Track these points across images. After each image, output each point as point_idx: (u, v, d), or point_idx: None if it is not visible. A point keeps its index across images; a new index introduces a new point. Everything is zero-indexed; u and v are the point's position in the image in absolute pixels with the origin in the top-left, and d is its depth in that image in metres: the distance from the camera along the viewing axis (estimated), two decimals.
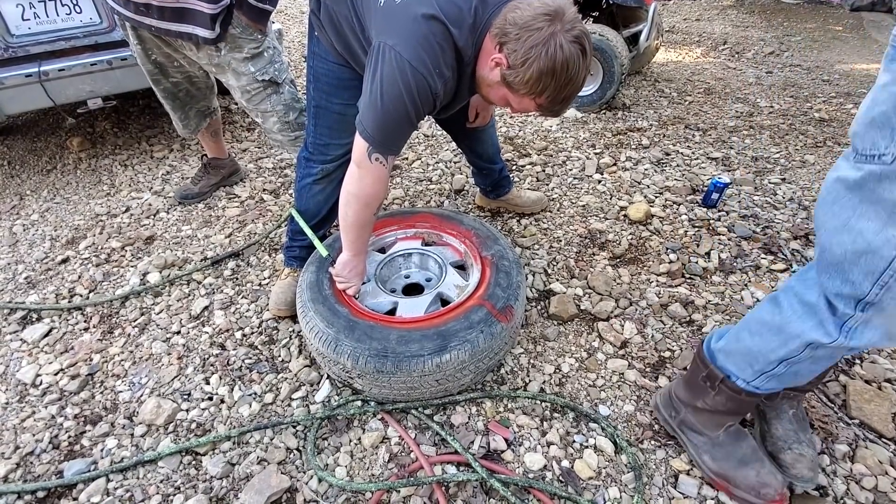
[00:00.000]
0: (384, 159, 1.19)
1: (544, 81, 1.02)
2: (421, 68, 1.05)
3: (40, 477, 1.24)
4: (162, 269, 1.93)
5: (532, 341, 1.57)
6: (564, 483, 1.19)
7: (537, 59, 0.99)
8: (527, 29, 0.99)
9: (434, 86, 1.10)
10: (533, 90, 1.04)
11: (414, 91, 1.08)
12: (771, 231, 2.02)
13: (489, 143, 1.90)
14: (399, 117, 1.12)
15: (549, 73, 1.00)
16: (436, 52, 1.06)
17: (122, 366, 1.54)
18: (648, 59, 3.78)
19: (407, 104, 1.10)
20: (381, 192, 1.28)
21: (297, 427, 1.34)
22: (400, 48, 1.04)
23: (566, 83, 1.03)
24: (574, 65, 1.01)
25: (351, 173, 1.26)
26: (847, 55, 4.39)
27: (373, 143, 1.16)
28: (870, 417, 1.30)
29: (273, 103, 1.78)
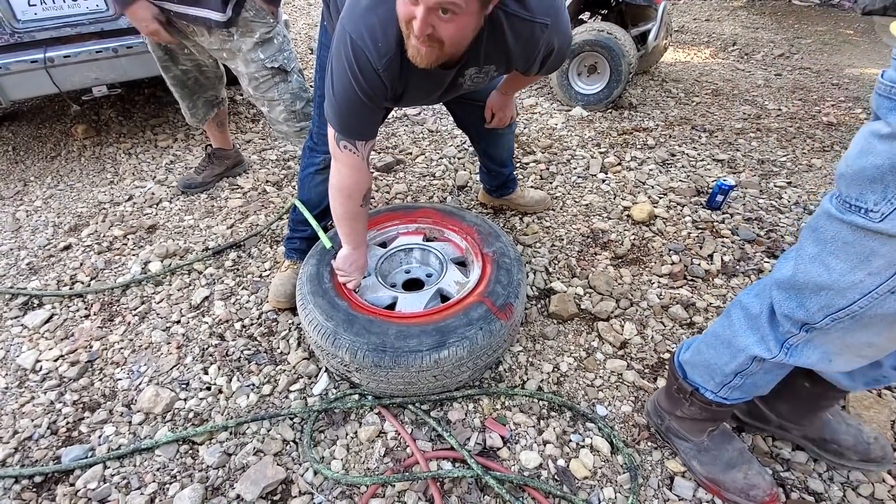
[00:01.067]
0: (353, 147, 1.17)
1: None
2: (358, 40, 1.01)
3: (38, 462, 1.25)
4: (163, 259, 1.94)
5: (531, 339, 1.57)
6: (560, 482, 1.19)
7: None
8: None
9: (374, 60, 1.03)
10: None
11: (355, 66, 1.03)
12: (775, 235, 2.01)
13: (505, 148, 1.89)
14: (351, 97, 1.09)
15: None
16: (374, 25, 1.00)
17: (121, 354, 1.54)
18: (656, 58, 3.75)
19: (352, 82, 1.05)
20: (361, 182, 1.26)
21: (294, 419, 1.34)
22: (348, 27, 1.03)
23: None
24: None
25: (332, 166, 1.26)
26: (857, 59, 4.35)
27: (336, 128, 1.15)
28: (869, 424, 1.29)
29: (280, 91, 1.78)
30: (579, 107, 3.17)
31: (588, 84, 3.15)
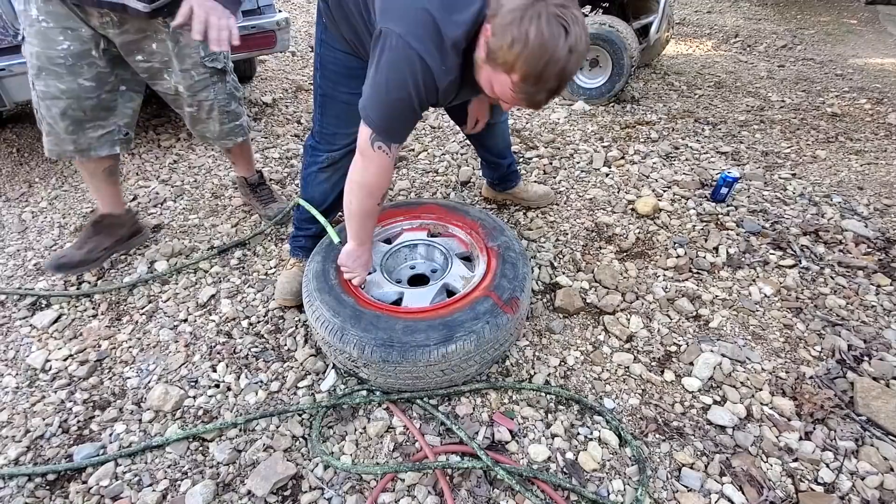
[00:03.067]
0: (387, 148, 1.18)
1: (516, 50, 0.93)
2: (428, 59, 1.04)
3: (50, 460, 1.26)
4: (169, 258, 1.94)
5: (537, 334, 1.57)
6: (568, 475, 1.19)
7: (511, 23, 0.93)
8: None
9: (436, 78, 1.08)
10: (507, 61, 0.96)
11: (420, 80, 1.07)
12: (780, 227, 2.00)
13: (500, 139, 1.89)
14: (403, 106, 1.11)
15: (522, 41, 0.92)
16: (441, 44, 1.05)
17: (130, 352, 1.55)
18: (658, 51, 3.74)
19: (412, 93, 1.08)
20: (385, 182, 1.27)
21: (302, 415, 1.35)
22: (409, 38, 1.03)
23: (540, 58, 0.93)
24: (551, 40, 0.92)
25: (355, 162, 1.25)
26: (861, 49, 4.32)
27: (376, 130, 1.15)
28: (877, 414, 1.29)
29: (216, 92, 1.68)
30: (581, 101, 3.16)
31: (590, 78, 3.14)
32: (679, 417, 1.32)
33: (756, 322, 1.59)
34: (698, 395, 1.37)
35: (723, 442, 1.26)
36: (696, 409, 1.34)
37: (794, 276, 1.76)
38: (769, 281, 1.74)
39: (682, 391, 1.39)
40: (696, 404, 1.35)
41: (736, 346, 1.50)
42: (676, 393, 1.39)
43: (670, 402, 1.36)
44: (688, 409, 1.34)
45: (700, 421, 1.31)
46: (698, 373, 1.42)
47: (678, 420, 1.31)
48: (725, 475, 1.19)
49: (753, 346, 1.51)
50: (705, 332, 1.57)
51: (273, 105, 3.31)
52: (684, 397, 1.38)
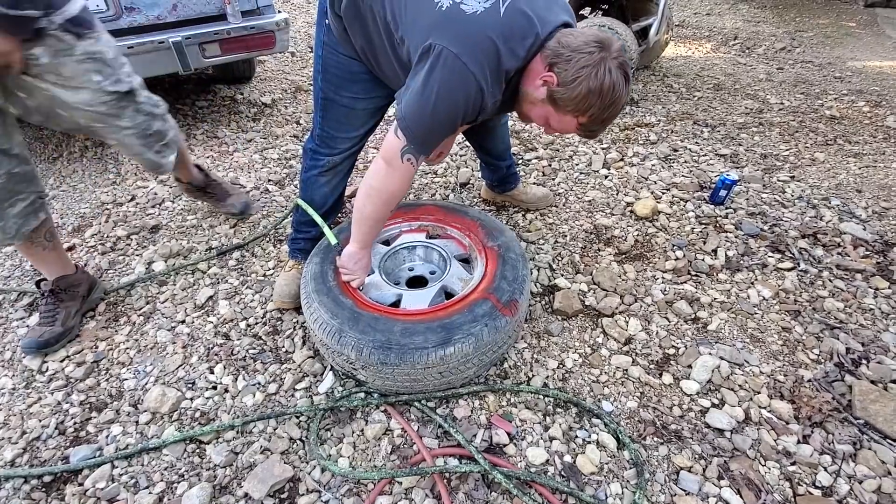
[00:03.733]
0: (415, 160, 1.20)
1: (590, 100, 1.07)
2: (483, 83, 1.08)
3: (46, 462, 1.25)
4: (167, 259, 1.94)
5: (536, 336, 1.57)
6: (566, 478, 1.19)
7: (587, 78, 1.05)
8: (578, 52, 1.06)
9: (486, 101, 1.13)
10: (578, 108, 1.09)
11: (471, 101, 1.10)
12: (779, 229, 2.01)
13: (499, 141, 1.89)
14: (448, 122, 1.14)
15: (597, 92, 1.05)
16: (497, 72, 1.10)
17: (127, 354, 1.54)
18: (658, 53, 3.74)
19: (459, 111, 1.12)
20: (404, 191, 1.28)
21: (300, 417, 1.34)
22: (467, 59, 1.04)
23: (609, 104, 1.08)
24: (619, 89, 1.07)
25: (378, 169, 1.24)
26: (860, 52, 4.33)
27: (413, 141, 1.16)
28: (874, 418, 1.29)
29: (131, 118, 1.44)
30: None
31: None
32: (677, 420, 1.32)
33: (754, 325, 1.59)
34: (696, 398, 1.37)
35: (721, 445, 1.26)
36: (695, 412, 1.34)
37: (793, 279, 1.76)
38: (768, 284, 1.74)
39: (680, 394, 1.39)
40: (694, 407, 1.35)
41: (734, 348, 1.50)
42: (675, 396, 1.39)
43: (668, 404, 1.36)
44: (686, 412, 1.34)
45: (698, 424, 1.31)
46: (696, 376, 1.42)
47: (676, 423, 1.31)
48: (723, 478, 1.19)
49: (752, 348, 1.51)
50: (704, 334, 1.57)
51: (272, 106, 3.31)
52: (682, 400, 1.37)
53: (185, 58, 2.45)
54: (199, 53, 2.50)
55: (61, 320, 1.57)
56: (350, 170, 1.64)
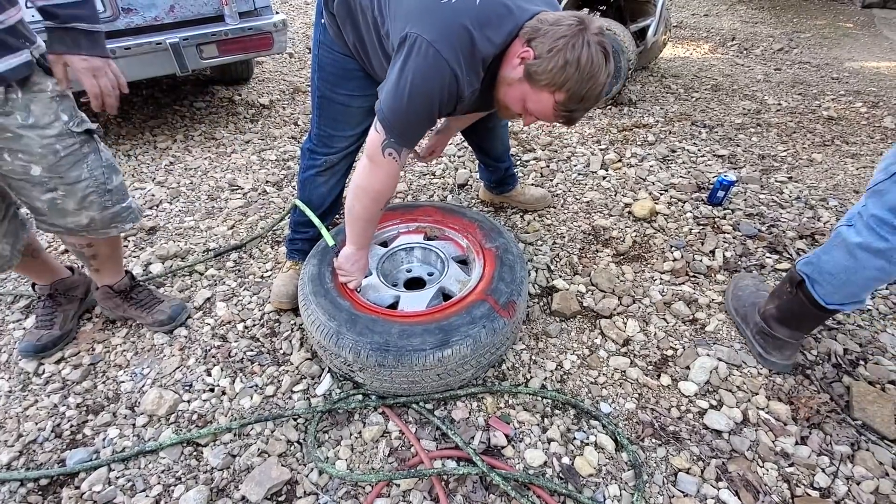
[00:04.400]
0: (397, 155, 1.18)
1: (567, 72, 1.02)
2: (457, 70, 1.06)
3: (43, 465, 1.25)
4: (164, 260, 1.93)
5: (534, 337, 1.57)
6: (565, 480, 1.19)
7: (563, 49, 1.01)
8: (557, 24, 1.03)
9: (462, 90, 1.11)
10: (554, 81, 1.04)
11: (446, 89, 1.09)
12: (776, 230, 2.01)
13: (499, 142, 1.89)
14: (424, 112, 1.12)
15: (574, 64, 1.01)
16: (472, 59, 1.08)
17: (124, 356, 1.54)
18: (655, 54, 3.75)
19: (435, 100, 1.10)
20: (391, 188, 1.27)
21: (297, 420, 1.34)
22: (440, 46, 1.03)
23: (588, 78, 1.03)
24: (597, 64, 1.02)
25: (362, 167, 1.24)
26: (857, 52, 4.34)
27: (392, 134, 1.15)
28: (872, 419, 1.29)
29: (91, 166, 1.24)
30: None
31: None
32: (675, 422, 1.32)
33: None
34: (695, 400, 1.37)
35: (719, 446, 1.26)
36: (693, 413, 1.34)
37: None
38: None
39: (678, 395, 1.39)
40: (692, 409, 1.35)
41: (732, 349, 1.50)
42: (673, 397, 1.39)
43: (667, 406, 1.36)
44: (684, 414, 1.34)
45: (696, 425, 1.31)
46: (695, 377, 1.42)
47: (674, 424, 1.31)
48: (721, 480, 1.19)
49: (749, 349, 1.51)
50: (702, 335, 1.57)
51: (270, 107, 3.31)
52: (681, 401, 1.37)
53: (183, 59, 2.45)
54: (197, 55, 2.50)
55: (59, 324, 1.55)
56: (348, 170, 1.64)
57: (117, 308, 1.60)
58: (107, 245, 1.45)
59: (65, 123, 1.18)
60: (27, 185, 1.19)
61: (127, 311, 1.60)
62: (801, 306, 1.33)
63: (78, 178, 1.22)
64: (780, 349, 1.41)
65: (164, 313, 1.60)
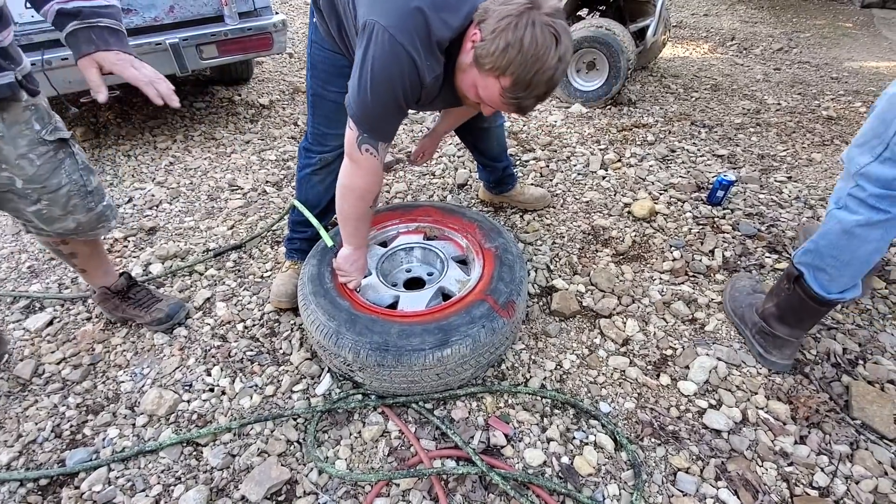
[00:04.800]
0: (374, 150, 1.17)
1: (509, 55, 0.95)
2: (414, 54, 1.03)
3: (42, 465, 1.25)
4: (164, 260, 1.93)
5: (533, 337, 1.57)
6: (564, 479, 1.19)
7: (506, 30, 0.94)
8: (505, 4, 0.97)
9: (423, 75, 1.07)
10: (497, 65, 0.97)
11: (406, 75, 1.06)
12: (776, 229, 2.01)
13: (495, 143, 1.88)
14: (389, 101, 1.10)
15: (516, 46, 0.94)
16: (428, 42, 1.04)
17: (124, 356, 1.54)
18: (655, 54, 3.75)
19: (397, 88, 1.07)
20: (375, 185, 1.27)
21: (297, 420, 1.34)
22: (395, 31, 1.01)
23: (532, 62, 0.95)
24: (543, 46, 0.94)
25: (344, 166, 1.25)
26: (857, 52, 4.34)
27: (363, 128, 1.14)
28: (871, 419, 1.29)
29: (68, 171, 1.23)
30: (578, 103, 3.16)
31: (587, 81, 3.15)
32: (675, 421, 1.32)
33: None
34: (694, 399, 1.37)
35: (718, 446, 1.26)
36: (692, 412, 1.34)
37: None
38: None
39: (677, 395, 1.39)
40: (691, 408, 1.35)
41: (732, 349, 1.50)
42: (672, 397, 1.39)
43: (666, 405, 1.36)
44: (683, 413, 1.34)
45: (696, 425, 1.31)
46: (694, 376, 1.42)
47: (674, 424, 1.31)
48: (721, 479, 1.19)
49: (749, 349, 1.51)
50: (701, 335, 1.57)
51: (270, 107, 3.31)
52: (680, 401, 1.37)
53: (183, 59, 2.45)
54: (197, 55, 2.50)
55: None
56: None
57: (116, 309, 1.60)
58: (83, 244, 1.44)
59: (37, 133, 1.16)
60: (14, 196, 1.20)
61: (126, 312, 1.60)
62: (800, 301, 1.33)
63: (59, 184, 1.22)
64: (780, 348, 1.41)
65: (163, 311, 1.60)
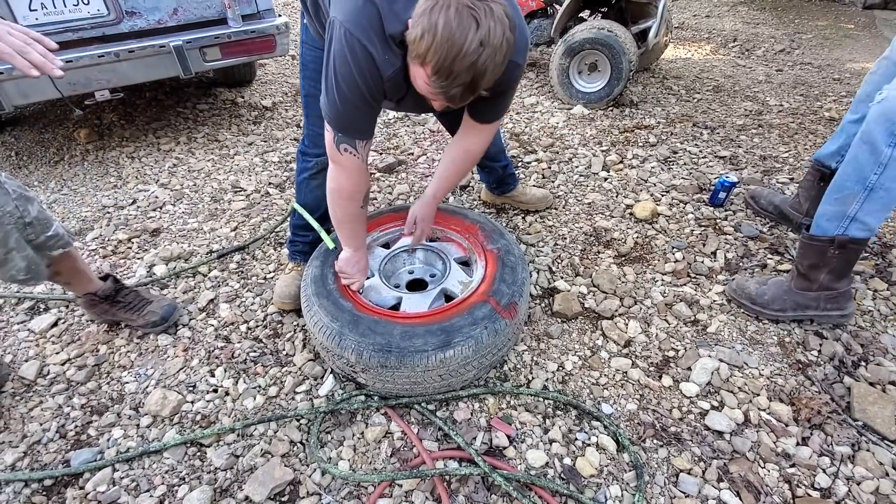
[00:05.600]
0: (353, 149, 1.17)
1: (426, 41, 0.90)
2: (370, 47, 1.02)
3: (47, 466, 1.26)
4: (168, 262, 1.94)
5: (535, 339, 1.57)
6: (566, 480, 1.19)
7: (423, 14, 0.91)
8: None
9: (381, 69, 1.05)
10: (419, 53, 0.94)
11: (365, 69, 1.05)
12: (778, 231, 2.01)
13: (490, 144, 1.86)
14: (353, 96, 1.09)
15: (431, 31, 0.89)
16: (383, 35, 1.03)
17: (128, 357, 1.55)
18: (657, 55, 3.75)
19: (359, 82, 1.06)
20: (361, 184, 1.26)
21: (300, 420, 1.34)
22: (350, 26, 1.02)
23: (449, 49, 0.89)
24: (458, 29, 0.88)
25: (329, 170, 1.26)
26: (859, 53, 4.34)
27: (337, 127, 1.14)
28: (873, 419, 1.29)
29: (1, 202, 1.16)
30: (580, 105, 3.17)
31: (589, 82, 3.15)
32: (677, 423, 1.32)
33: (754, 327, 1.60)
34: (696, 401, 1.38)
35: (720, 447, 1.26)
36: (694, 414, 1.35)
37: None
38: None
39: (679, 396, 1.39)
40: (693, 409, 1.36)
41: (734, 351, 1.50)
42: (674, 398, 1.39)
43: (668, 407, 1.37)
44: (685, 415, 1.34)
45: (698, 426, 1.31)
46: (696, 378, 1.42)
47: (676, 425, 1.32)
48: (723, 481, 1.19)
49: (751, 351, 1.52)
50: (703, 336, 1.57)
51: (273, 109, 3.32)
52: (682, 402, 1.38)
53: (186, 62, 2.47)
54: (200, 57, 2.52)
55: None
56: None
57: (105, 313, 1.58)
58: (64, 259, 1.41)
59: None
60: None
61: (116, 315, 1.58)
62: (854, 253, 1.45)
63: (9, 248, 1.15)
64: (849, 298, 1.53)
65: (156, 314, 1.58)
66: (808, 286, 1.54)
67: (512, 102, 1.29)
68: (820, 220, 1.46)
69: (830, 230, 1.43)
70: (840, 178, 1.39)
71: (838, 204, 1.40)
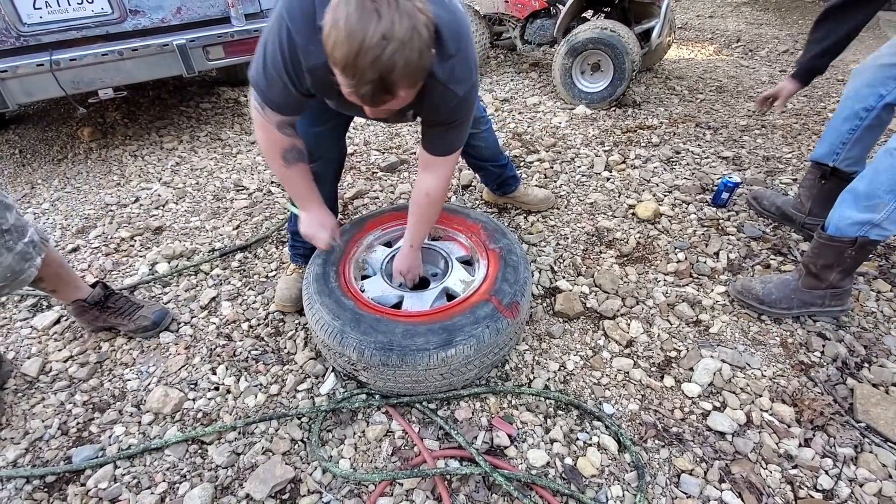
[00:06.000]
0: (260, 108, 1.18)
1: (331, 39, 0.86)
2: (294, 31, 1.03)
3: (49, 462, 1.26)
4: (170, 260, 1.95)
5: (537, 338, 1.57)
6: (567, 480, 1.19)
7: (328, 12, 0.87)
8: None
9: (305, 56, 1.04)
10: (328, 52, 0.89)
11: (287, 54, 1.05)
12: (781, 232, 2.00)
13: (483, 144, 1.83)
14: (272, 73, 1.10)
15: (333, 28, 0.85)
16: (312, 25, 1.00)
17: (130, 354, 1.55)
18: (660, 55, 3.74)
19: (280, 64, 1.07)
20: (268, 142, 1.25)
21: (301, 419, 1.35)
22: (284, 10, 1.03)
23: (350, 45, 0.84)
24: (359, 26, 0.83)
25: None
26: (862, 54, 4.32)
27: (256, 89, 1.16)
28: (876, 421, 1.28)
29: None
30: (583, 105, 3.16)
31: (591, 82, 3.15)
32: (678, 423, 1.32)
33: (756, 328, 1.59)
34: (698, 401, 1.37)
35: (722, 448, 1.25)
36: (696, 414, 1.34)
37: None
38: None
39: (681, 397, 1.39)
40: (695, 410, 1.35)
41: (736, 351, 1.50)
42: (676, 398, 1.39)
43: (670, 407, 1.36)
44: (687, 415, 1.34)
45: (699, 427, 1.31)
46: (698, 378, 1.42)
47: (678, 426, 1.31)
48: (725, 482, 1.19)
49: (753, 351, 1.51)
50: (705, 337, 1.57)
51: None
52: (684, 403, 1.37)
53: (190, 60, 2.47)
54: (204, 56, 2.53)
55: None
56: (333, 178, 1.61)
57: (95, 320, 1.57)
58: (46, 266, 1.37)
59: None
60: None
61: (107, 321, 1.58)
62: (867, 254, 1.48)
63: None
64: (849, 294, 1.57)
65: (148, 319, 1.58)
66: (816, 285, 1.55)
67: (465, 139, 1.29)
68: (841, 222, 1.45)
69: (851, 233, 1.44)
70: (872, 186, 1.38)
71: (868, 211, 1.39)
